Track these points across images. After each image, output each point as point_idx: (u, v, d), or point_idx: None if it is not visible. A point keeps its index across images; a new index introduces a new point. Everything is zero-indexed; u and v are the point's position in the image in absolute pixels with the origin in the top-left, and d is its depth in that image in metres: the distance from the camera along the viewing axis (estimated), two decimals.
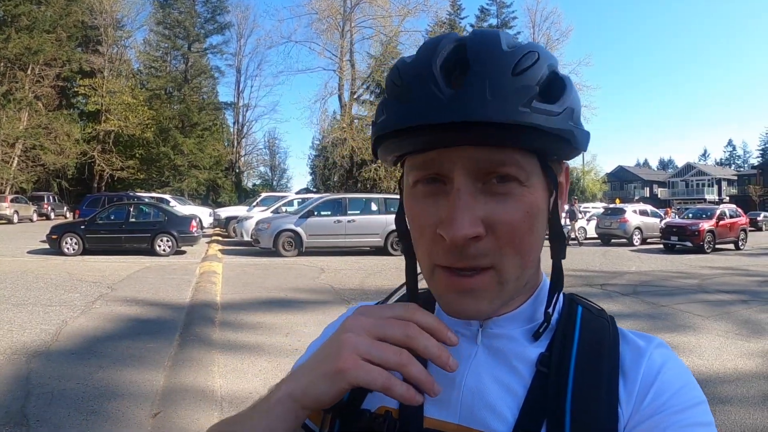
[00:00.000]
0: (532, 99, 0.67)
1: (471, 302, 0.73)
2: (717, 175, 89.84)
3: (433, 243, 0.73)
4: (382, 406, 0.80)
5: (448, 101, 0.66)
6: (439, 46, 0.71)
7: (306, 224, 19.06)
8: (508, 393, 0.77)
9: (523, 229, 0.72)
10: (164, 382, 5.70)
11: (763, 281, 14.87)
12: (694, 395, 0.74)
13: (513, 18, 68.87)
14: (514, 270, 0.74)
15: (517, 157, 0.70)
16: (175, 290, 11.22)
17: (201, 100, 58.59)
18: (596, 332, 0.81)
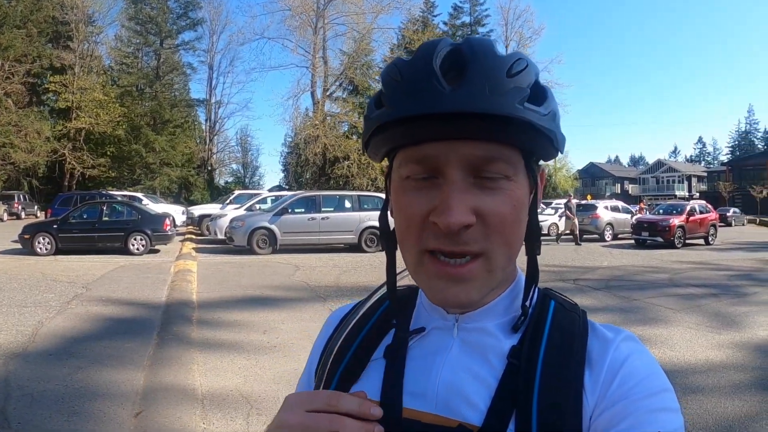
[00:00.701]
0: (524, 99, 0.74)
1: (461, 290, 0.78)
2: (687, 172, 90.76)
3: (423, 230, 0.77)
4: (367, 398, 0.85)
5: (451, 94, 0.72)
6: (436, 48, 0.76)
7: (280, 222, 19.03)
8: (481, 384, 0.81)
9: (511, 221, 0.77)
10: (144, 381, 5.72)
11: (732, 275, 15.12)
12: (659, 383, 0.77)
13: (486, 16, 68.89)
14: (502, 260, 0.79)
15: (506, 153, 0.76)
16: (151, 289, 11.20)
17: (173, 97, 58.06)
18: (566, 326, 0.84)
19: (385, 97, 0.79)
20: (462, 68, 0.74)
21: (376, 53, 58.61)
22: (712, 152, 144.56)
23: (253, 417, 4.98)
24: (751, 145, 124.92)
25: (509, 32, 66.74)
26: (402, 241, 0.82)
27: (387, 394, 0.84)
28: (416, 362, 0.86)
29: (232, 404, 5.27)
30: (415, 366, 0.86)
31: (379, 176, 50.81)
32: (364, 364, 0.91)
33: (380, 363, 0.89)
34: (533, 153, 0.80)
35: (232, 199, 28.47)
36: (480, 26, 68.85)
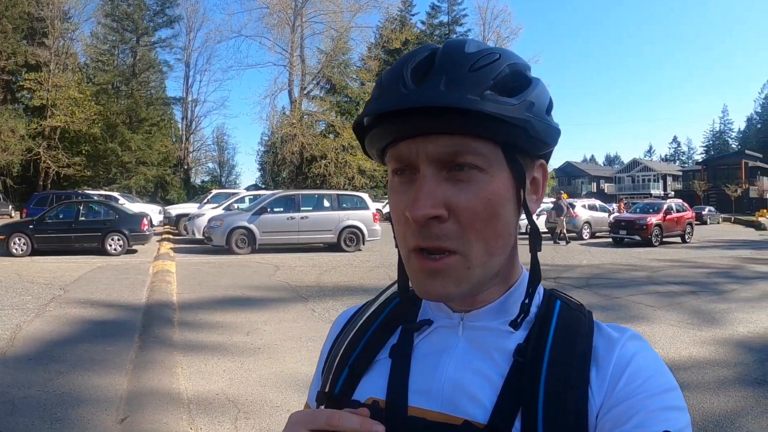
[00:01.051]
0: (484, 90, 0.75)
1: (438, 284, 0.79)
2: (662, 171, 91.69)
3: (406, 227, 0.79)
4: (371, 397, 0.87)
5: (410, 93, 0.75)
6: (415, 54, 0.80)
7: (259, 221, 18.90)
8: (487, 382, 0.81)
9: (485, 215, 0.77)
10: (128, 385, 5.62)
11: (710, 273, 15.31)
12: (665, 381, 0.77)
13: (464, 15, 69.19)
14: (480, 255, 0.79)
15: (474, 145, 0.76)
16: (130, 290, 11.07)
17: (149, 95, 57.47)
18: (572, 325, 0.85)
19: (366, 104, 0.82)
20: (428, 69, 0.77)
21: (354, 52, 58.73)
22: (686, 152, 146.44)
23: (241, 421, 4.90)
24: (725, 145, 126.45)
25: (487, 32, 66.85)
26: (397, 238, 0.85)
27: (392, 393, 0.85)
28: (421, 360, 0.87)
29: (219, 408, 5.19)
30: (421, 364, 0.87)
31: (356, 175, 50.78)
32: (371, 362, 0.92)
33: (386, 362, 0.90)
34: (512, 145, 0.79)
35: (209, 198, 28.29)
36: (458, 25, 69.11)
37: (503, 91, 0.77)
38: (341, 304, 10.00)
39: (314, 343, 7.41)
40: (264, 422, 4.91)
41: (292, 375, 6.18)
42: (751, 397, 5.75)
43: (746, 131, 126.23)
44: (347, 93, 56.49)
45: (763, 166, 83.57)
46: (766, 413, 5.36)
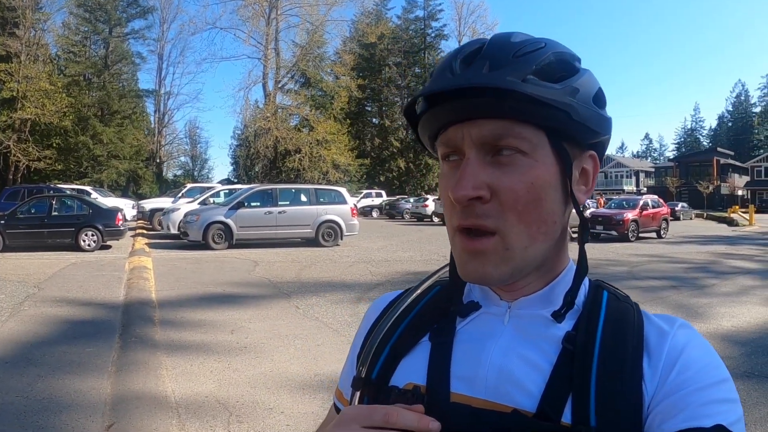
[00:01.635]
0: (526, 74, 0.76)
1: (478, 264, 0.79)
2: (635, 167, 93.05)
3: (452, 208, 0.80)
4: (410, 382, 0.85)
5: (454, 77, 0.78)
6: (465, 46, 0.83)
7: (236, 216, 18.72)
8: (534, 369, 0.79)
9: (527, 199, 0.77)
10: (111, 389, 5.40)
11: (688, 268, 15.47)
12: (717, 373, 0.76)
13: (440, 11, 69.50)
14: (520, 238, 0.78)
15: (517, 129, 0.77)
16: (106, 288, 10.83)
17: (121, 87, 56.80)
18: (621, 315, 0.83)
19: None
20: (475, 57, 0.79)
21: (329, 46, 58.65)
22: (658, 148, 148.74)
23: (234, 425, 4.72)
24: (696, 142, 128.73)
25: (462, 27, 67.43)
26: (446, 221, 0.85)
27: (433, 378, 0.84)
28: (464, 346, 0.86)
29: (210, 411, 5.00)
30: (464, 350, 0.86)
31: (330, 169, 50.78)
32: (411, 346, 0.90)
33: (426, 346, 0.89)
34: (556, 131, 0.80)
35: (184, 192, 27.91)
36: (433, 20, 69.45)
37: (546, 77, 0.77)
38: (325, 300, 9.91)
39: (301, 342, 7.28)
40: (258, 425, 4.74)
41: (283, 374, 6.02)
42: (741, 390, 5.73)
43: (717, 129, 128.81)
44: (322, 87, 56.52)
45: (734, 163, 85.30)
46: (757, 405, 5.42)
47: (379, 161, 66.04)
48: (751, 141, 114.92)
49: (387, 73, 66.93)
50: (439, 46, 70.21)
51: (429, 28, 69.73)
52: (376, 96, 67.81)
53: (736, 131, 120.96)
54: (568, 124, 0.79)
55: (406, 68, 67.64)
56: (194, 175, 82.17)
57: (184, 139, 78.65)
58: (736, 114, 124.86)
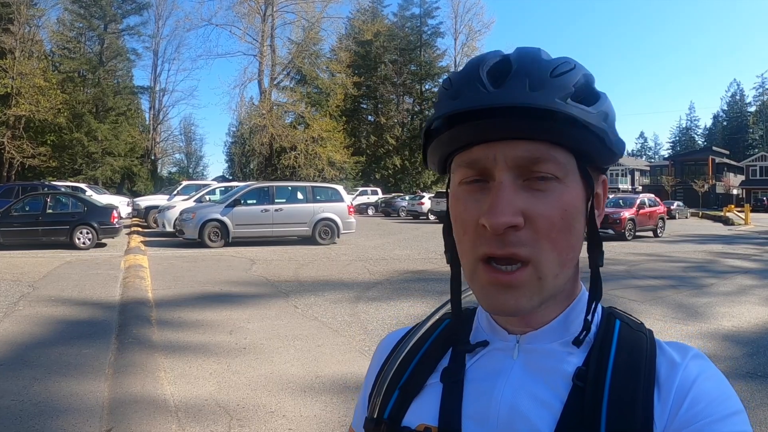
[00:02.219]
0: (567, 96, 0.74)
1: (511, 298, 0.75)
2: (630, 166, 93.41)
3: (477, 235, 0.76)
4: (422, 423, 0.84)
5: (492, 93, 0.73)
6: (486, 57, 0.79)
7: (232, 214, 18.67)
8: (545, 407, 0.78)
9: (561, 226, 0.75)
10: (109, 392, 5.30)
11: (687, 267, 15.48)
12: (730, 404, 0.74)
13: (436, 8, 69.52)
14: (552, 266, 0.76)
15: (554, 153, 0.74)
16: (102, 287, 10.74)
17: (116, 84, 56.69)
18: (633, 346, 0.81)
19: (435, 106, 0.80)
20: (506, 73, 0.75)
21: (325, 42, 58.62)
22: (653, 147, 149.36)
23: (236, 429, 4.64)
24: (691, 141, 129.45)
25: (459, 25, 67.51)
26: (460, 250, 0.81)
27: (444, 419, 0.82)
28: (475, 384, 0.84)
29: (210, 415, 4.91)
30: (475, 389, 0.84)
31: (326, 167, 50.76)
32: (421, 386, 0.88)
33: (437, 386, 0.87)
34: (586, 155, 0.78)
35: (179, 190, 27.84)
36: (430, 18, 69.47)
37: (580, 100, 0.76)
38: (323, 299, 9.85)
39: (301, 342, 7.22)
40: (260, 429, 4.66)
41: (284, 377, 5.94)
42: (745, 391, 5.78)
43: (712, 128, 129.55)
44: (317, 84, 56.49)
45: (730, 162, 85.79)
46: (761, 406, 5.40)
47: (374, 159, 66.10)
48: (746, 140, 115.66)
49: (383, 70, 66.93)
50: (435, 44, 70.42)
51: (425, 25, 69.78)
52: (371, 93, 67.81)
53: (731, 130, 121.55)
54: (600, 149, 0.78)
55: (402, 66, 67.67)
56: (189, 172, 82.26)
57: (180, 136, 78.83)
58: (731, 113, 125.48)
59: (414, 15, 69.86)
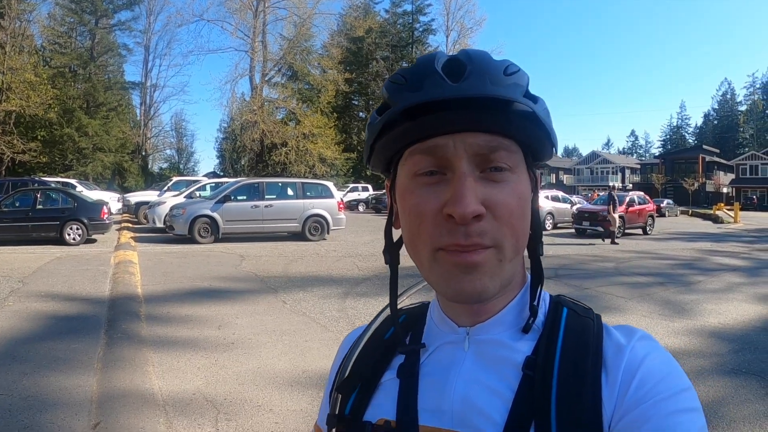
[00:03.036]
0: (522, 93, 0.78)
1: (475, 278, 0.77)
2: (621, 164, 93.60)
3: (436, 226, 0.77)
4: (382, 417, 0.86)
5: (457, 87, 0.75)
6: (437, 55, 0.80)
7: (222, 210, 18.63)
8: (497, 397, 0.80)
9: (518, 213, 0.78)
10: (97, 387, 5.33)
11: (675, 264, 15.58)
12: (677, 382, 0.75)
13: (428, 5, 69.28)
14: (511, 250, 0.78)
15: (507, 143, 0.78)
16: (92, 282, 10.72)
17: (107, 79, 56.35)
18: (580, 332, 0.83)
19: (389, 100, 0.80)
20: (462, 70, 0.76)
21: (317, 39, 58.39)
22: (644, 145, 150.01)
23: (223, 423, 4.68)
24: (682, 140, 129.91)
25: (451, 22, 67.41)
26: (414, 243, 0.81)
27: (402, 413, 0.84)
28: (430, 378, 0.86)
29: (198, 409, 4.95)
30: (429, 383, 0.86)
31: (317, 163, 50.63)
32: (379, 382, 0.91)
33: (394, 382, 0.89)
34: (531, 148, 0.82)
35: (170, 185, 27.76)
36: (422, 15, 69.27)
37: (530, 98, 0.79)
38: (312, 295, 9.88)
39: (289, 337, 7.25)
40: (247, 423, 4.70)
41: (271, 371, 5.97)
42: (730, 387, 5.89)
43: (703, 127, 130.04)
44: (309, 80, 56.32)
45: (720, 161, 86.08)
46: (746, 402, 5.47)
47: None
48: (736, 139, 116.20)
49: (374, 67, 66.75)
50: (426, 41, 70.22)
51: (417, 22, 69.64)
52: (363, 90, 67.66)
53: (721, 129, 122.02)
54: (545, 144, 0.83)
55: (394, 62, 67.49)
56: (180, 168, 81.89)
57: (170, 132, 78.51)
58: (721, 112, 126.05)
59: (406, 12, 69.73)
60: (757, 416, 5.15)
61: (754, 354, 7.10)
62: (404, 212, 0.82)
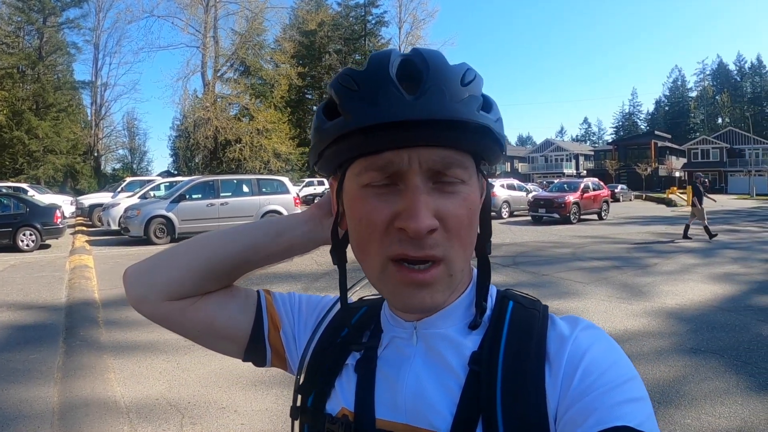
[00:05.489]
0: (479, 106, 0.77)
1: (427, 295, 0.78)
2: (575, 151, 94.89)
3: (387, 236, 0.77)
4: (343, 407, 0.88)
5: (413, 102, 0.72)
6: (389, 58, 0.77)
7: (178, 209, 18.44)
8: (446, 391, 0.81)
9: (466, 223, 0.79)
10: (59, 397, 5.21)
11: (630, 248, 15.94)
12: (623, 372, 0.75)
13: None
14: (460, 262, 0.80)
15: (461, 158, 0.77)
16: (48, 289, 10.50)
17: (56, 79, 55.14)
18: (525, 324, 0.84)
19: (341, 107, 0.78)
20: (418, 78, 0.75)
21: (269, 33, 57.87)
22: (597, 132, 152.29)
23: (188, 427, 4.64)
24: (634, 126, 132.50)
25: (403, 14, 67.44)
26: (363, 250, 0.82)
27: (360, 407, 0.87)
28: (384, 371, 0.88)
29: (161, 414, 4.89)
30: (384, 375, 0.88)
31: (271, 159, 50.28)
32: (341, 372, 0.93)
33: (353, 375, 0.90)
34: (483, 157, 0.83)
35: (123, 186, 27.28)
36: (374, 7, 69.18)
37: (485, 108, 0.79)
38: None
39: None
40: (212, 426, 4.67)
41: (233, 372, 5.91)
42: (690, 366, 6.06)
43: (655, 113, 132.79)
44: (261, 75, 55.80)
45: (672, 146, 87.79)
46: (706, 380, 5.64)
47: None
48: (687, 124, 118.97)
49: (327, 60, 66.47)
50: (379, 33, 70.18)
51: (369, 14, 69.50)
52: (316, 84, 67.38)
53: (673, 115, 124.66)
54: (497, 153, 0.83)
55: (347, 55, 67.36)
56: (133, 168, 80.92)
57: (122, 132, 77.25)
58: (672, 98, 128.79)
59: (358, 4, 69.54)
60: (718, 393, 5.30)
61: (712, 333, 7.30)
62: (353, 219, 0.82)
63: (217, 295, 1.02)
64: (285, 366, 1.07)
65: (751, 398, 5.18)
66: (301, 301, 1.09)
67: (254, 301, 1.06)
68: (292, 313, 1.07)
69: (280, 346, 1.05)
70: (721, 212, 32.39)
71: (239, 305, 1.03)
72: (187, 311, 1.00)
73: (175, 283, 0.99)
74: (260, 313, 1.04)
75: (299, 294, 1.11)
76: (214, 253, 1.00)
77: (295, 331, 1.05)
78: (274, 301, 1.07)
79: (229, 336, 1.03)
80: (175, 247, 1.03)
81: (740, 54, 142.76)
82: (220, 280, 1.01)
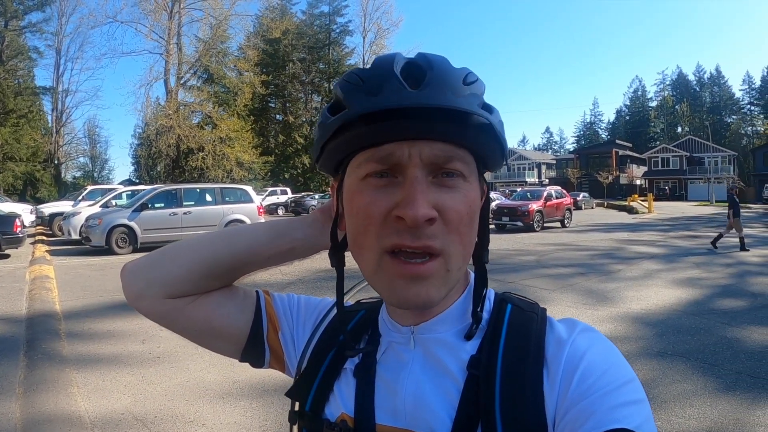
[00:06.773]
0: (480, 104, 0.78)
1: (422, 288, 0.77)
2: (537, 160, 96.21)
3: (384, 227, 0.77)
4: (343, 413, 0.88)
5: (415, 93, 0.74)
6: (394, 58, 0.78)
7: (140, 218, 18.19)
8: (445, 396, 0.81)
9: (467, 220, 0.78)
10: (21, 412, 5.04)
11: (594, 255, 16.15)
12: (621, 375, 0.75)
13: (345, 6, 69.98)
14: (458, 259, 0.79)
15: (462, 153, 0.78)
16: (7, 301, 10.22)
17: (17, 84, 54.37)
18: (523, 328, 0.84)
19: (345, 101, 0.78)
20: (421, 76, 0.75)
21: (233, 41, 57.65)
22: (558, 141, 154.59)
23: None
24: (595, 135, 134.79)
25: (367, 23, 67.77)
26: (359, 244, 0.81)
27: (359, 412, 0.86)
28: (384, 376, 0.88)
29: (127, 429, 4.76)
30: (384, 380, 0.87)
31: (234, 167, 50.01)
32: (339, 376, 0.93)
33: (352, 379, 0.90)
34: (484, 159, 0.83)
35: (84, 195, 26.86)
36: (338, 16, 69.66)
37: (486, 109, 0.79)
38: None
39: None
40: None
41: (199, 384, 5.83)
42: (657, 369, 6.16)
43: (616, 122, 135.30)
44: (225, 83, 55.53)
45: (632, 154, 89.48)
46: (674, 382, 5.74)
47: (283, 158, 65.78)
48: (648, 133, 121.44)
49: (291, 68, 66.49)
50: (343, 42, 70.47)
51: (334, 23, 69.77)
52: (280, 92, 67.38)
53: (633, 124, 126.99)
54: (498, 155, 0.84)
55: (311, 64, 67.46)
56: (94, 176, 79.87)
57: (84, 139, 75.97)
58: (633, 108, 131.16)
59: (323, 13, 69.76)
60: (686, 395, 5.40)
61: (677, 336, 7.43)
62: (351, 213, 0.82)
63: (217, 294, 1.01)
64: (282, 368, 1.06)
65: (719, 399, 5.28)
66: (300, 303, 1.09)
67: (253, 302, 1.05)
68: (290, 314, 1.07)
69: (279, 348, 1.05)
70: (682, 219, 33.03)
71: (238, 305, 1.03)
72: (186, 309, 0.99)
73: (175, 281, 0.97)
74: (259, 313, 1.04)
75: (298, 295, 1.11)
76: (216, 252, 0.99)
77: (294, 333, 1.05)
78: (273, 302, 1.07)
79: (228, 336, 1.03)
80: (176, 244, 1.02)
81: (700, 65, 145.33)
82: (221, 279, 1.01)
